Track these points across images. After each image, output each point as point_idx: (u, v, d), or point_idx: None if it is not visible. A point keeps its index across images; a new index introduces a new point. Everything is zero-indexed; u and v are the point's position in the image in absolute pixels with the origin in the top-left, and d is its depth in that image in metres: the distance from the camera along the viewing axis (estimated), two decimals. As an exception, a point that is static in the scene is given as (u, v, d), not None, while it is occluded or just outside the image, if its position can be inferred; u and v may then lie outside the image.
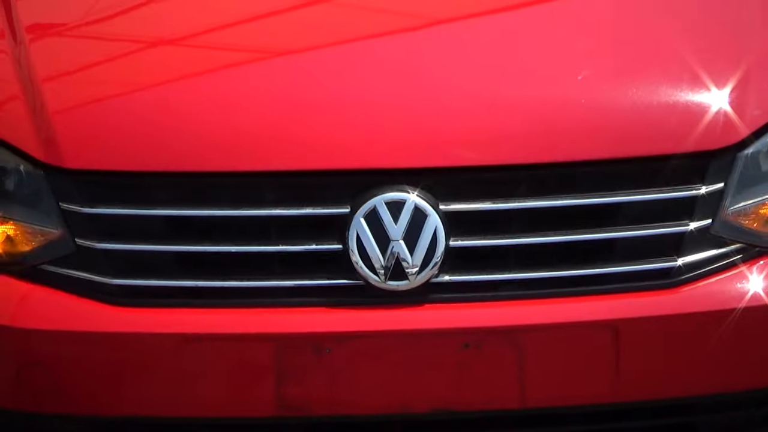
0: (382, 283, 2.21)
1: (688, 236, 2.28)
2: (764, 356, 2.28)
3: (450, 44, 2.55)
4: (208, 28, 2.66)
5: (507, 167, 2.28)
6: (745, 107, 2.35)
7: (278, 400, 2.22)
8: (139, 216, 2.28)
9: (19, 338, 2.25)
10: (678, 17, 2.64)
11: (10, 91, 2.42)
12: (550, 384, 2.25)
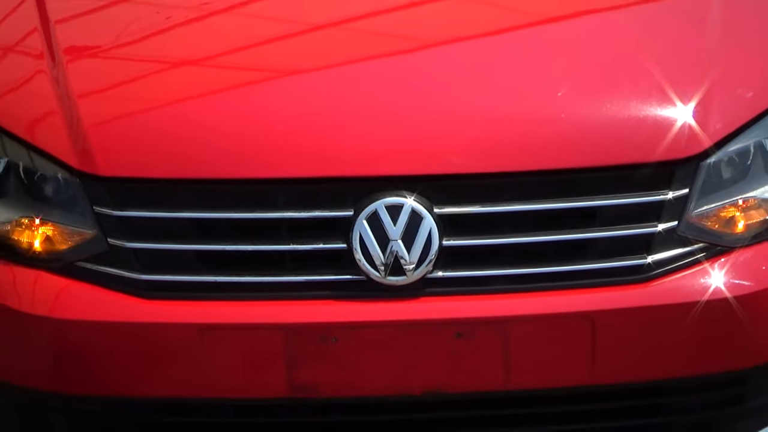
0: (382, 278, 2.21)
1: (656, 236, 2.28)
2: (725, 344, 2.28)
3: (442, 65, 2.54)
4: (226, 50, 2.66)
5: (494, 174, 2.28)
6: (707, 121, 2.35)
7: (289, 383, 2.22)
8: (164, 218, 2.28)
9: (57, 328, 2.25)
10: (646, 39, 2.63)
11: (49, 106, 2.42)
12: (533, 368, 2.25)
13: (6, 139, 2.41)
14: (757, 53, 2.61)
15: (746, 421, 2.37)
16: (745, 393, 2.34)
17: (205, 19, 2.81)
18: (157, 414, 2.31)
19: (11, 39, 2.70)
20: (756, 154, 2.39)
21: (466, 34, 2.68)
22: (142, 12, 2.85)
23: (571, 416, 2.33)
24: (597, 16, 2.83)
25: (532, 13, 2.81)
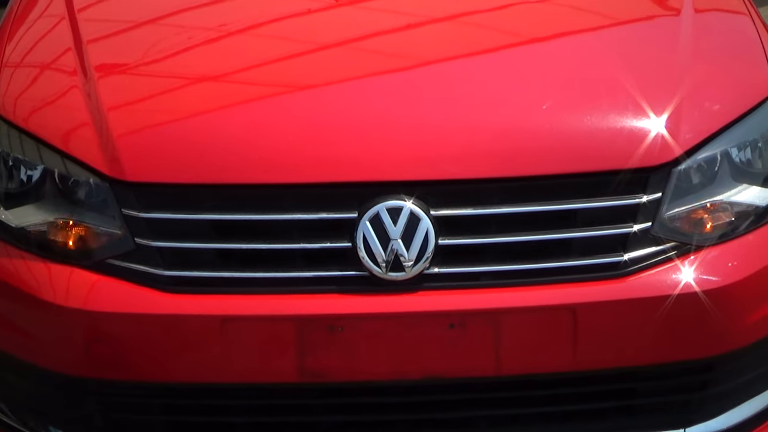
0: (383, 274, 2.21)
1: (632, 236, 2.28)
2: (693, 334, 2.28)
3: (436, 82, 2.55)
4: (241, 67, 2.66)
5: (485, 180, 2.29)
6: (678, 131, 2.35)
7: (299, 369, 2.23)
8: (187, 220, 2.29)
9: (89, 319, 2.25)
10: (623, 57, 2.63)
11: (82, 118, 2.42)
12: (520, 355, 2.26)
13: (43, 149, 2.41)
14: (722, 69, 2.61)
15: (712, 404, 2.36)
16: (711, 379, 2.34)
17: (221, 39, 2.81)
18: (181, 397, 2.32)
19: (48, 57, 2.71)
20: (722, 161, 2.39)
21: (457, 53, 2.68)
22: (165, 33, 2.85)
23: (556, 399, 2.33)
24: (577, 36, 2.83)
25: (517, 34, 2.81)
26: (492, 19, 2.88)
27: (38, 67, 2.70)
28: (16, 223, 2.39)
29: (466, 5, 2.96)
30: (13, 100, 2.55)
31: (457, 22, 2.86)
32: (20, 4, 3.01)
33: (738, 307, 2.31)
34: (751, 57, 2.65)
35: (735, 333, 2.31)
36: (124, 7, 3.00)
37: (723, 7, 2.90)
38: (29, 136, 2.44)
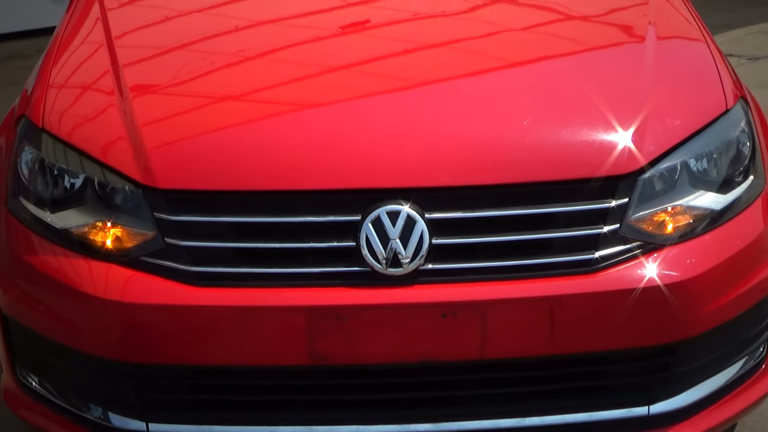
0: (384, 270, 2.22)
1: (602, 236, 2.28)
2: (656, 322, 2.29)
3: (430, 101, 2.56)
4: (257, 88, 2.67)
5: (474, 186, 2.29)
6: (643, 144, 2.36)
7: (309, 353, 2.23)
8: (211, 222, 2.29)
9: (125, 310, 2.26)
10: (594, 79, 2.64)
11: (118, 133, 2.43)
12: (504, 341, 2.26)
13: (84, 160, 2.41)
14: (682, 90, 2.62)
15: (673, 384, 2.36)
16: (672, 362, 2.34)
17: (241, 63, 2.81)
18: (206, 378, 2.32)
19: (88, 79, 2.71)
20: (682, 170, 2.39)
21: (448, 75, 2.68)
22: (191, 58, 2.85)
23: (535, 379, 2.33)
24: (555, 60, 2.83)
25: (501, 58, 2.82)
26: (479, 45, 2.90)
27: (80, 87, 2.70)
28: (61, 225, 2.39)
29: (456, 33, 2.97)
30: (58, 116, 2.55)
31: (448, 48, 2.87)
32: (64, 31, 3.02)
33: (695, 299, 2.31)
34: (706, 79, 2.66)
35: (693, 322, 2.31)
36: (156, 35, 3.01)
37: (682, 34, 2.91)
38: (72, 148, 2.45)
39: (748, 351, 2.50)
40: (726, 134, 2.51)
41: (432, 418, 2.30)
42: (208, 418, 2.33)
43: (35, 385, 2.51)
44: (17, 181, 2.52)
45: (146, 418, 2.33)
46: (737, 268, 2.39)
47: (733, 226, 2.42)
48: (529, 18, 3.10)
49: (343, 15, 3.11)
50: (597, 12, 3.15)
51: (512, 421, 2.31)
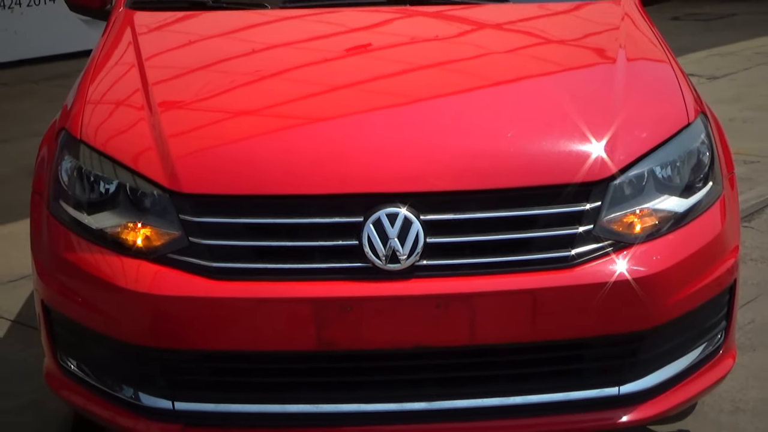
0: (383, 265, 2.22)
1: (578, 236, 2.28)
2: (626, 312, 2.28)
3: (425, 115, 2.55)
4: (271, 104, 2.67)
5: (463, 191, 2.29)
6: (614, 153, 2.36)
7: (317, 339, 2.23)
8: (229, 223, 2.29)
9: (153, 301, 2.26)
10: (571, 96, 2.64)
11: (148, 144, 2.42)
12: (491, 329, 2.25)
13: (117, 167, 2.41)
14: (648, 106, 2.61)
15: (641, 367, 2.35)
16: (640, 348, 2.34)
17: (256, 82, 2.82)
18: (224, 361, 2.31)
19: (121, 96, 2.71)
20: (649, 177, 2.39)
21: (441, 93, 2.69)
22: (213, 77, 2.85)
23: (518, 363, 2.33)
24: (536, 79, 2.83)
25: (488, 78, 2.82)
26: (468, 66, 2.89)
27: (114, 103, 2.70)
28: (96, 225, 2.39)
29: (448, 55, 2.97)
30: (94, 129, 2.55)
31: (440, 68, 2.87)
32: (100, 53, 3.02)
33: (661, 291, 2.30)
34: (671, 96, 2.66)
35: (658, 312, 2.31)
36: (181, 57, 3.02)
37: (649, 56, 2.90)
38: (107, 157, 2.45)
39: (708, 338, 2.50)
40: (688, 145, 2.51)
41: (426, 398, 2.30)
42: (227, 397, 2.32)
43: (73, 368, 2.50)
44: (58, 187, 2.52)
45: (172, 398, 2.32)
46: (698, 264, 2.39)
47: (695, 227, 2.42)
48: (513, 42, 3.11)
49: (348, 39, 3.11)
50: (573, 36, 3.15)
51: (498, 400, 2.30)
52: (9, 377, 3.26)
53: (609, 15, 3.16)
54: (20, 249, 3.79)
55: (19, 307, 3.82)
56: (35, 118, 6.93)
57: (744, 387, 3.05)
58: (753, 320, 3.53)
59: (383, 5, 3.21)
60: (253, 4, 3.27)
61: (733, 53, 9.15)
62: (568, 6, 3.29)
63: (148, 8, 3.30)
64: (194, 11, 3.28)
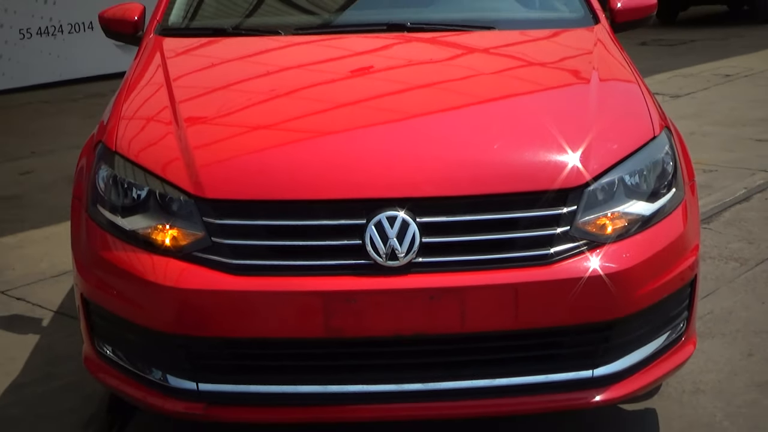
0: (384, 262, 2.22)
1: (556, 236, 2.28)
2: (598, 303, 2.28)
3: (420, 130, 2.56)
4: (284, 119, 2.67)
5: (455, 197, 2.29)
6: (588, 163, 2.36)
7: (325, 327, 2.22)
8: (248, 224, 2.29)
9: (180, 294, 2.26)
10: (550, 112, 2.64)
11: (175, 154, 2.43)
12: (479, 318, 2.25)
13: (148, 176, 2.41)
14: (619, 121, 2.61)
15: (612, 352, 2.35)
16: (611, 335, 2.33)
17: (271, 100, 2.82)
18: (243, 347, 2.31)
19: (151, 112, 2.71)
20: (619, 184, 2.39)
21: (434, 109, 2.69)
22: (232, 96, 2.86)
23: (504, 348, 2.32)
24: (519, 98, 2.84)
25: (476, 96, 2.82)
26: (459, 86, 2.88)
27: (145, 119, 2.70)
28: (129, 227, 2.39)
29: (440, 76, 2.97)
30: (127, 142, 2.55)
31: (434, 88, 2.87)
32: (132, 75, 3.02)
33: (630, 285, 2.30)
34: (638, 112, 2.66)
35: (628, 303, 2.31)
36: (205, 78, 3.02)
37: (619, 77, 2.91)
38: (138, 167, 2.45)
39: (671, 327, 2.49)
40: (654, 156, 2.51)
41: (422, 379, 2.30)
42: (245, 379, 2.32)
43: (109, 354, 2.50)
44: (95, 193, 2.52)
45: (196, 379, 2.32)
46: (663, 261, 2.39)
47: (660, 228, 2.42)
48: (499, 64, 3.11)
49: (352, 62, 3.11)
50: (552, 59, 3.16)
51: (485, 381, 2.30)
52: (53, 361, 3.26)
53: (583, 41, 3.17)
54: (62, 248, 3.80)
55: (61, 300, 3.82)
56: (75, 132, 6.95)
57: (703, 370, 3.05)
58: (711, 311, 3.53)
59: (384, 32, 3.21)
60: (268, 31, 3.28)
61: (694, 75, 9.15)
62: (548, 33, 3.30)
63: (175, 35, 3.30)
64: (216, 37, 3.29)
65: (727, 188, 5.13)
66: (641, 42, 11.53)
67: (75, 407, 2.93)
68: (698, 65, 9.71)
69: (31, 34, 9.51)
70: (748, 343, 3.25)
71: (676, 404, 2.86)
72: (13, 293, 3.94)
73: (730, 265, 4.00)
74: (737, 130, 6.62)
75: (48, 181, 5.78)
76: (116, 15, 3.49)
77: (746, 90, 8.23)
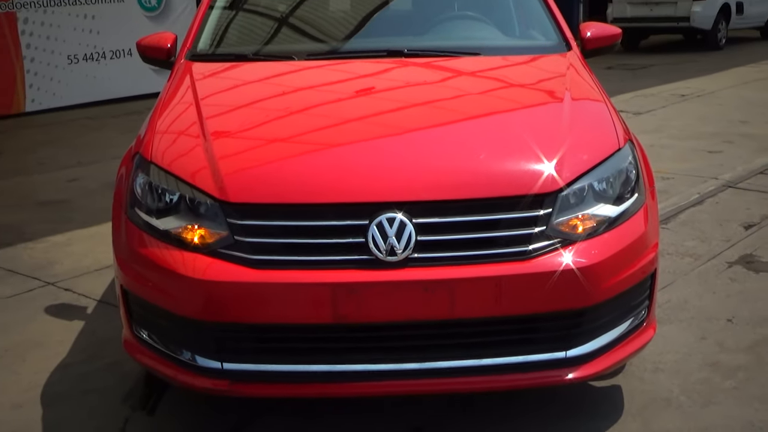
0: (384, 258, 2.21)
1: (534, 235, 2.27)
2: (571, 293, 2.27)
3: (416, 142, 2.55)
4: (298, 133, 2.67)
5: (446, 201, 2.28)
6: (562, 171, 2.36)
7: (333, 314, 2.22)
8: (266, 225, 2.28)
9: (207, 285, 2.25)
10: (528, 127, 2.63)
11: (202, 164, 2.43)
12: (466, 306, 2.24)
13: (179, 182, 2.41)
14: (588, 134, 2.61)
15: (583, 336, 2.35)
16: (582, 321, 2.33)
17: (287, 116, 2.80)
18: (262, 331, 2.30)
19: (182, 127, 2.70)
20: (588, 190, 2.39)
21: (428, 124, 2.68)
22: (252, 113, 2.85)
23: (488, 332, 2.32)
24: (503, 114, 2.82)
25: (465, 113, 2.80)
26: (449, 104, 2.87)
27: (176, 133, 2.70)
28: (163, 227, 2.39)
29: (433, 95, 2.96)
30: (161, 153, 2.55)
31: (428, 106, 2.86)
32: (165, 94, 3.02)
33: (598, 278, 2.29)
34: (605, 127, 2.65)
35: (596, 293, 2.30)
36: (228, 97, 3.01)
37: (589, 97, 2.90)
38: (171, 175, 2.44)
39: (634, 314, 2.49)
40: (619, 165, 2.50)
41: (417, 359, 2.29)
42: (264, 359, 2.32)
43: (145, 337, 2.50)
44: (133, 197, 2.52)
45: (221, 359, 2.32)
46: (627, 257, 2.38)
47: (624, 228, 2.41)
48: (484, 85, 3.11)
49: (356, 83, 3.10)
50: (530, 81, 3.15)
51: (472, 361, 2.30)
52: (96, 344, 3.26)
53: (558, 65, 3.16)
54: (104, 245, 3.80)
55: (103, 290, 3.82)
56: (115, 144, 6.96)
57: (662, 351, 3.05)
58: (669, 300, 3.52)
59: (384, 57, 3.20)
60: (283, 56, 3.28)
61: (653, 95, 9.15)
62: (526, 58, 3.29)
63: (203, 60, 3.30)
64: (239, 62, 3.29)
65: (683, 193, 5.13)
66: (608, 66, 11.53)
67: (115, 384, 2.93)
68: (657, 86, 9.72)
69: (78, 60, 9.51)
70: (701, 328, 3.25)
71: (638, 381, 2.86)
72: (61, 285, 3.94)
73: (685, 260, 4.00)
74: (691, 143, 6.62)
75: (92, 187, 5.78)
76: (152, 43, 3.50)
77: (699, 108, 8.23)
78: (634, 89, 9.50)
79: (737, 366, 2.94)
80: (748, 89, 9.37)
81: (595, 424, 2.59)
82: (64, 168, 6.45)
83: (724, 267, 3.90)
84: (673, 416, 2.64)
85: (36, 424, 2.68)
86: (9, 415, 2.75)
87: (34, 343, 3.29)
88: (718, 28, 13.84)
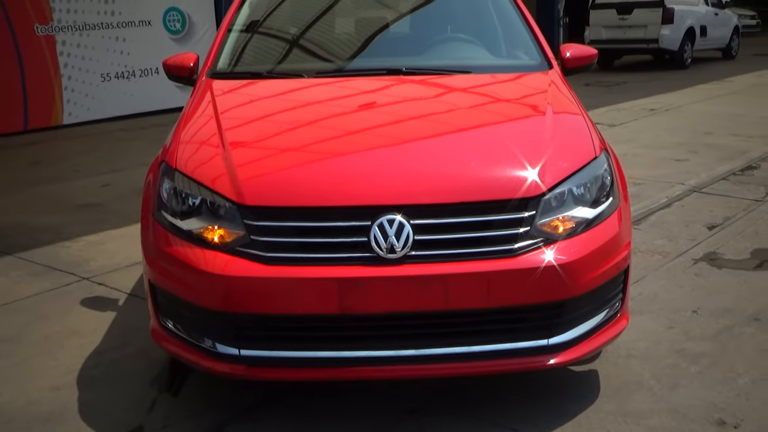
0: (385, 255, 2.21)
1: (519, 235, 2.27)
2: (552, 287, 2.27)
3: (413, 150, 2.54)
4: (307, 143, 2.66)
5: (441, 204, 2.28)
6: (544, 177, 2.36)
7: (339, 306, 2.22)
8: (279, 226, 2.28)
9: (225, 280, 2.25)
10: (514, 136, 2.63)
11: (222, 171, 2.42)
12: (459, 299, 2.24)
13: (201, 187, 2.41)
14: (568, 144, 2.60)
15: (563, 325, 2.35)
16: (562, 312, 2.33)
17: (297, 128, 2.79)
18: (274, 321, 2.30)
19: (204, 138, 2.70)
20: (568, 194, 2.39)
21: (424, 135, 2.68)
22: (266, 125, 2.85)
23: (478, 322, 2.32)
24: (491, 126, 2.82)
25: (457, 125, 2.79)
26: (443, 117, 2.87)
27: (198, 143, 2.69)
28: (186, 228, 2.39)
29: (429, 109, 2.96)
30: (185, 161, 2.55)
31: (424, 119, 2.85)
32: (188, 108, 3.01)
33: (576, 273, 2.29)
34: (583, 138, 2.65)
35: (575, 287, 2.30)
36: (245, 111, 3.01)
37: (568, 110, 2.89)
38: (193, 181, 2.44)
39: (610, 305, 2.49)
40: (595, 172, 2.50)
41: (415, 346, 2.29)
42: (277, 346, 2.31)
43: (170, 326, 2.50)
44: (160, 201, 2.52)
45: (238, 347, 2.32)
46: (602, 254, 2.38)
47: (599, 229, 2.41)
48: (474, 100, 3.10)
49: (360, 98, 3.10)
50: (516, 96, 3.15)
51: (464, 348, 2.30)
52: (126, 333, 3.25)
53: (540, 82, 3.16)
54: (134, 244, 3.79)
55: (133, 285, 3.82)
56: (143, 153, 6.96)
57: (634, 339, 3.04)
58: (641, 293, 3.52)
59: (384, 75, 3.20)
60: (294, 74, 3.28)
61: (626, 109, 9.15)
62: (512, 76, 3.29)
63: (223, 78, 3.30)
64: (254, 80, 3.28)
65: (653, 197, 5.13)
66: (586, 83, 11.53)
67: (144, 369, 2.92)
68: (630, 101, 9.71)
69: (110, 78, 9.51)
70: (669, 319, 3.25)
71: (613, 366, 2.85)
72: (95, 279, 3.93)
73: (654, 258, 3.99)
74: (660, 152, 6.61)
75: (123, 192, 5.78)
76: (176, 62, 3.50)
77: (667, 121, 8.23)
78: (608, 104, 9.50)
79: (701, 353, 2.94)
80: (712, 104, 9.36)
81: (574, 404, 2.59)
82: (97, 174, 6.45)
83: (690, 263, 3.90)
84: (644, 397, 2.63)
85: (73, 405, 2.68)
86: (48, 397, 2.75)
87: (71, 332, 3.28)
88: (684, 48, 13.88)
